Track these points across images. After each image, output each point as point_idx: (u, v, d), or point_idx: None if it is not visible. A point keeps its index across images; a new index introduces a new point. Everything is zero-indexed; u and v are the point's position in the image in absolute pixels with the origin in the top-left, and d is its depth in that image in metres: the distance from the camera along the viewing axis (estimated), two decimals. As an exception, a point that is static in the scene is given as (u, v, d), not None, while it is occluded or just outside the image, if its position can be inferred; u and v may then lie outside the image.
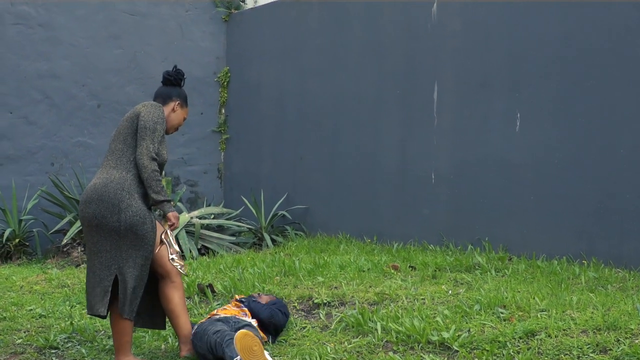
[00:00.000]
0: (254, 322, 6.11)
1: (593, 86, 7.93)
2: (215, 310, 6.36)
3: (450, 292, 6.91)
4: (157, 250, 5.74)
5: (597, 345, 5.14)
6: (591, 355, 5.00)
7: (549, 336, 5.38)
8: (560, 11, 8.27)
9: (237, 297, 6.73)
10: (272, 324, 6.28)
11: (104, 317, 5.70)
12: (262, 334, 6.07)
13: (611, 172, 7.79)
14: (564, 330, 5.47)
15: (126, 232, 5.53)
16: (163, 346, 6.37)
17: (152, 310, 6.08)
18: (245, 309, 6.34)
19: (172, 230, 5.74)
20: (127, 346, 5.72)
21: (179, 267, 5.74)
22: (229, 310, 6.28)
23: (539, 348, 5.21)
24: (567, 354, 5.06)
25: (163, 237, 5.72)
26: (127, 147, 5.71)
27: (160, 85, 6.19)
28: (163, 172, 5.94)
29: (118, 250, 5.57)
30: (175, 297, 5.89)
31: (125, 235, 5.54)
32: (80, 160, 12.15)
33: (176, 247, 5.81)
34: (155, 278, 5.92)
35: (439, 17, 9.50)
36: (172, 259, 5.71)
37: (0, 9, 11.61)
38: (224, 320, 5.91)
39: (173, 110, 6.05)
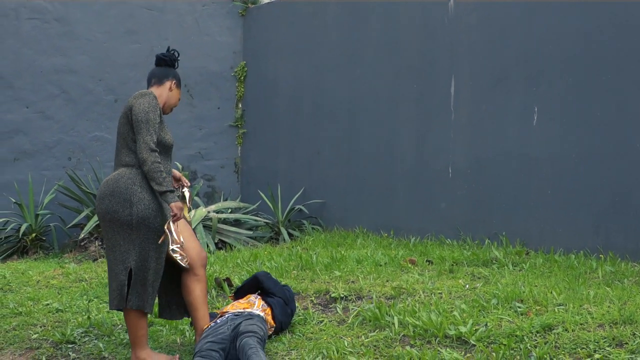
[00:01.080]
0: (259, 312, 6.10)
1: (610, 81, 7.90)
2: (225, 307, 6.34)
3: (467, 286, 6.90)
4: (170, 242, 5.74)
5: (613, 339, 5.13)
6: (607, 349, 4.99)
7: (566, 330, 5.37)
8: (577, 6, 8.24)
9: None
10: (290, 309, 6.36)
11: (114, 309, 5.76)
12: (271, 323, 6.09)
13: (628, 166, 7.76)
14: (580, 324, 5.46)
15: (139, 225, 5.56)
16: (179, 340, 6.39)
17: (173, 301, 6.09)
18: (256, 299, 6.33)
19: (174, 221, 5.73)
20: (143, 340, 5.74)
21: (179, 258, 5.72)
22: (240, 304, 6.26)
23: (556, 342, 5.20)
24: (583, 348, 5.05)
25: (165, 227, 5.72)
26: (130, 142, 5.73)
27: (154, 67, 6.17)
28: (169, 161, 5.88)
29: (132, 245, 5.60)
30: (197, 289, 5.89)
31: (137, 229, 5.57)
32: (97, 155, 12.19)
33: (178, 238, 5.78)
34: (179, 269, 5.92)
35: (455, 12, 9.48)
36: (173, 249, 5.70)
37: (15, 3, 11.66)
38: (221, 324, 5.90)
39: (170, 89, 6.04)
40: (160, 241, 5.68)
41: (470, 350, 5.35)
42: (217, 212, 11.66)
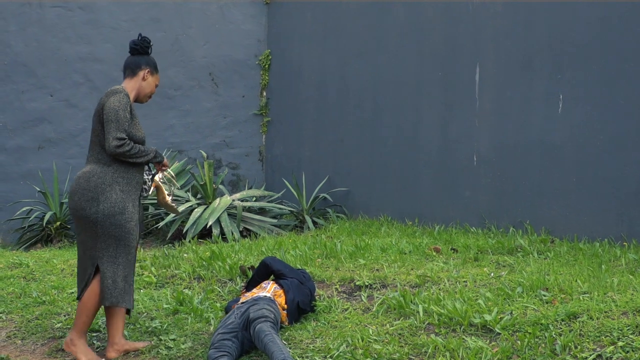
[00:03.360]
0: (267, 294, 6.13)
1: (635, 68, 7.85)
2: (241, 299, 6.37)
3: (492, 274, 6.89)
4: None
5: (636, 326, 5.11)
6: (631, 336, 4.97)
7: (590, 318, 5.35)
8: (603, -9, 8.20)
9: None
10: (308, 288, 6.40)
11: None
12: (282, 305, 6.11)
13: (655, 153, 7.74)
14: (605, 312, 5.44)
15: (104, 221, 5.64)
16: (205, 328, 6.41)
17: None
18: (268, 284, 6.36)
19: (163, 170, 5.95)
20: (84, 327, 5.82)
21: (175, 206, 5.92)
22: (251, 294, 6.29)
23: (580, 330, 5.19)
24: (607, 336, 5.03)
25: (157, 178, 5.86)
26: (102, 139, 5.80)
27: (129, 55, 6.20)
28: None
29: (98, 241, 5.68)
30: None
31: (103, 225, 5.65)
32: (122, 143, 12.23)
33: (168, 189, 5.95)
34: None
35: (480, -2, 9.46)
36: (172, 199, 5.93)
37: (38, -9, 11.74)
38: (229, 315, 5.94)
39: (143, 78, 6.08)
40: (150, 191, 5.91)
41: (495, 339, 5.34)
42: (242, 200, 11.69)
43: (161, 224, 10.78)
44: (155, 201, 11.38)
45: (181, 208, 10.80)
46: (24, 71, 11.67)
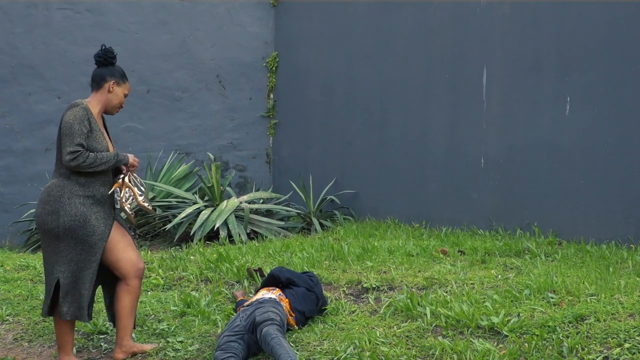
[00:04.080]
0: (273, 296, 6.13)
1: (645, 69, 7.86)
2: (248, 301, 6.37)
3: (499, 276, 6.89)
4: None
5: (643, 329, 5.13)
6: (637, 338, 4.98)
7: (597, 320, 5.36)
8: (611, -7, 8.19)
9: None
10: (315, 294, 6.41)
11: (45, 316, 5.92)
12: (288, 309, 6.12)
13: (662, 156, 7.73)
14: (612, 314, 5.44)
15: (65, 235, 5.61)
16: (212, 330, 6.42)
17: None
18: (275, 289, 6.37)
19: (132, 170, 5.97)
20: (68, 346, 5.81)
21: (147, 205, 5.97)
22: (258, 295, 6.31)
23: (587, 332, 5.19)
24: (614, 338, 5.04)
25: (126, 180, 5.87)
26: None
27: (95, 68, 6.12)
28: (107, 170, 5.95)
29: (59, 256, 5.65)
30: (125, 299, 5.90)
31: (64, 239, 5.62)
32: (129, 145, 12.26)
33: (138, 190, 5.95)
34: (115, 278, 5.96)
35: (488, 2, 9.44)
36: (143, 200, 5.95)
37: (45, -8, 11.76)
38: (235, 318, 5.95)
39: (109, 90, 5.99)
40: (121, 195, 5.89)
41: (502, 341, 5.34)
42: (249, 202, 11.69)
43: (168, 226, 10.78)
44: (161, 203, 11.41)
45: (188, 210, 10.81)
46: (31, 73, 11.67)
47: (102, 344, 6.30)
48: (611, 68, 8.14)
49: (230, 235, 10.52)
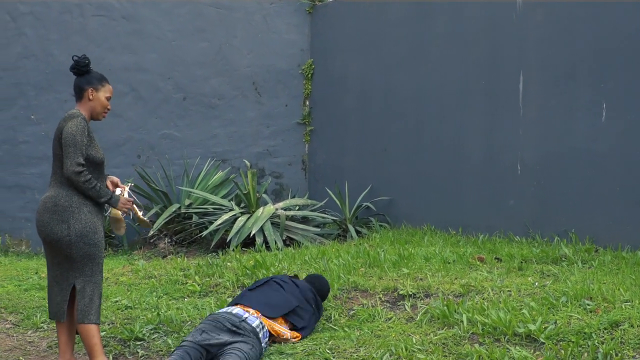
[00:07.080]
0: (257, 320, 6.07)
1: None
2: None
3: (536, 284, 6.86)
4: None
5: (676, 334, 5.12)
6: (670, 344, 4.99)
7: (631, 326, 5.34)
8: (648, -1, 8.15)
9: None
10: (322, 293, 6.50)
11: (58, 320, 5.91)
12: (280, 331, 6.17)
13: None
14: (646, 320, 5.44)
15: (78, 242, 5.69)
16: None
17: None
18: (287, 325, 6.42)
19: (129, 209, 6.17)
20: (98, 348, 5.82)
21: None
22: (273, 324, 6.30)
23: (622, 338, 5.18)
24: (647, 343, 5.04)
25: (126, 195, 6.20)
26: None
27: (75, 78, 6.15)
28: (102, 176, 6.00)
29: (73, 262, 5.73)
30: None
31: (77, 246, 5.70)
32: (166, 153, 12.35)
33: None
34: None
35: (523, 8, 9.42)
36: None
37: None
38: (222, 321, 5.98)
39: (89, 99, 6.02)
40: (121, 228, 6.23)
41: (539, 348, 5.33)
42: (285, 209, 11.71)
43: (205, 232, 10.84)
44: (197, 210, 11.47)
45: (224, 217, 10.86)
46: (66, 80, 11.66)
47: (138, 350, 6.35)
48: (648, 74, 8.10)
49: (266, 242, 10.55)
